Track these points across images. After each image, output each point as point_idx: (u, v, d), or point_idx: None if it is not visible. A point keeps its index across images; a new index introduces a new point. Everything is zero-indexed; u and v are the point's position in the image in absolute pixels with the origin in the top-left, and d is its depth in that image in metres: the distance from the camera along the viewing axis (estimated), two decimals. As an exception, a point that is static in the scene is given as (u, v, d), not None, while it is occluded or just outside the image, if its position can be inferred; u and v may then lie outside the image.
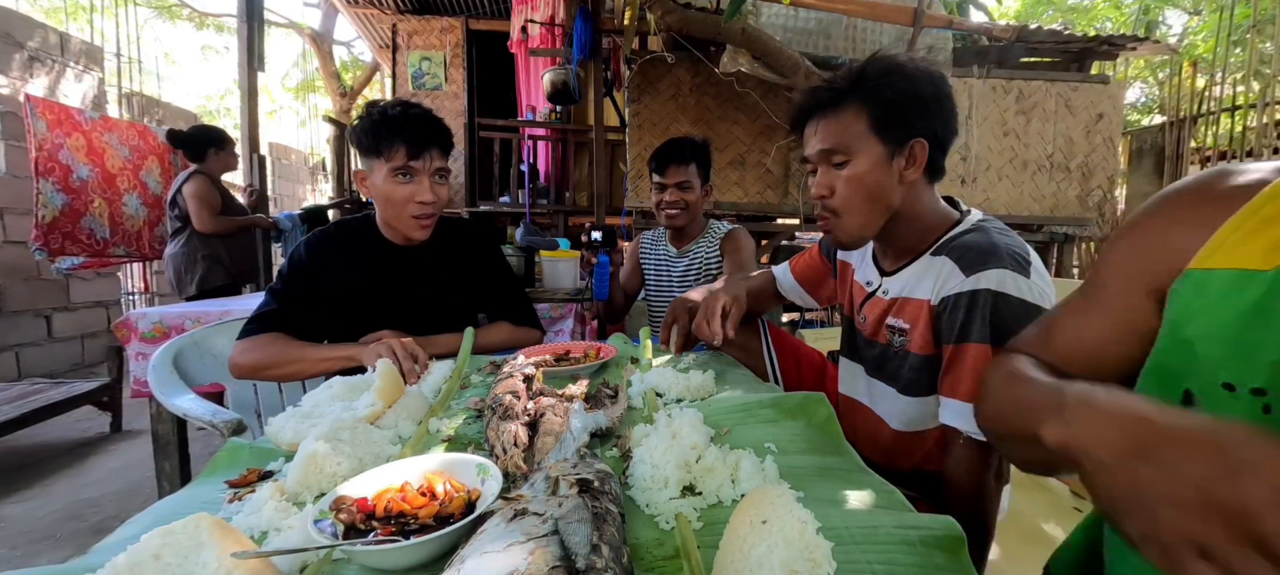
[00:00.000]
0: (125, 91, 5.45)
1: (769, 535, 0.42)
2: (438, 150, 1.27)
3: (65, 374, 4.03)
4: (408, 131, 1.22)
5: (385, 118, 1.22)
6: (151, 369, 1.28)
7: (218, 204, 3.08)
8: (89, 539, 2.07)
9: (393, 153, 1.22)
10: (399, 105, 1.24)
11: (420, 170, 1.24)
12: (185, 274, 3.10)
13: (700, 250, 1.94)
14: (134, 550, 0.44)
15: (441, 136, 1.28)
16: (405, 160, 1.22)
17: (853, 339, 1.14)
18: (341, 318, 1.28)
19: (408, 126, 1.22)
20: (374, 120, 1.23)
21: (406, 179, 1.24)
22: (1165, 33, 9.13)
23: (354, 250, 1.31)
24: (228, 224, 3.11)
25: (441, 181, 1.30)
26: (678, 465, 0.60)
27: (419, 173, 1.25)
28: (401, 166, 1.23)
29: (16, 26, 4.15)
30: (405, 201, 1.25)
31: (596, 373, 1.14)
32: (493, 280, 1.47)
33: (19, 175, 3.91)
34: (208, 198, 3.02)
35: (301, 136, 11.96)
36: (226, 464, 0.76)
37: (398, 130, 1.22)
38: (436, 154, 1.27)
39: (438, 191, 1.28)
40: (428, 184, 1.26)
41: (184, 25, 11.87)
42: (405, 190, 1.24)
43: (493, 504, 0.52)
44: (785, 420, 0.79)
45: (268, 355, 1.19)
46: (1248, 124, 4.68)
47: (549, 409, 0.73)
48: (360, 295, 1.29)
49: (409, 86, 6.17)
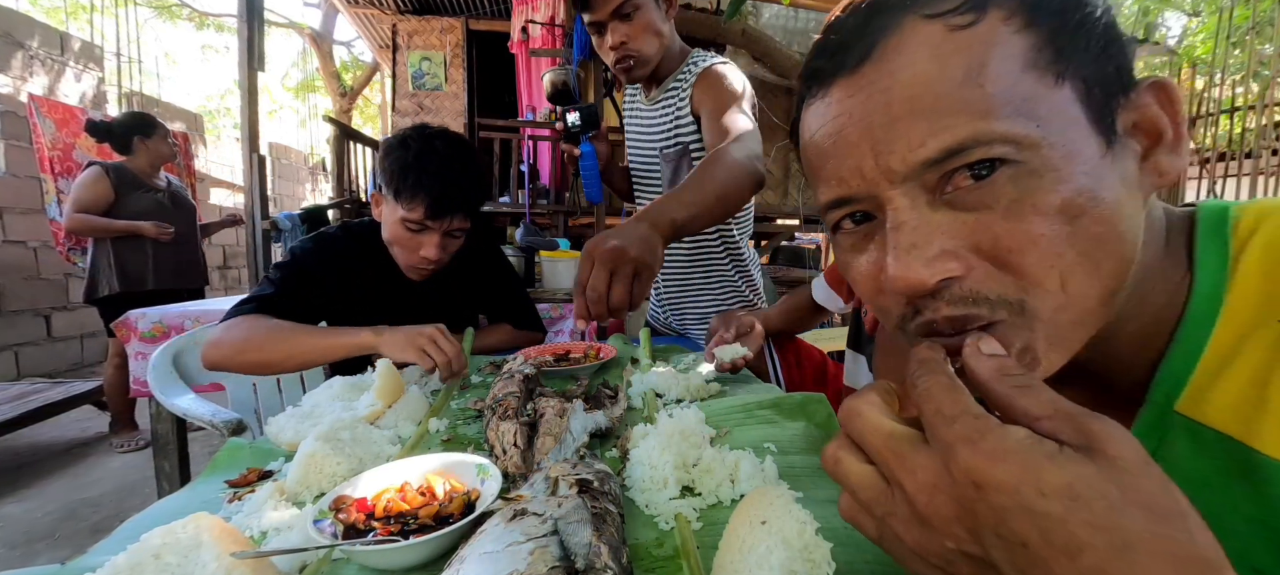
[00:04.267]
0: (125, 91, 5.46)
1: (768, 536, 0.42)
2: (462, 215, 1.15)
3: (65, 374, 4.03)
4: (434, 189, 1.10)
5: (417, 162, 1.09)
6: (151, 369, 1.28)
7: (99, 201, 2.68)
8: (89, 539, 2.07)
9: (412, 205, 1.10)
10: (434, 149, 1.12)
11: (435, 228, 1.14)
12: (89, 280, 2.81)
13: (672, 98, 1.31)
14: (134, 550, 0.44)
15: (469, 198, 1.15)
16: (422, 218, 1.11)
17: (858, 332, 1.15)
18: (341, 318, 1.27)
19: (437, 182, 1.10)
20: (406, 161, 1.10)
21: (417, 232, 1.14)
22: (1164, 34, 9.13)
23: (358, 256, 1.27)
24: (84, 224, 2.67)
25: (455, 238, 1.19)
26: (676, 465, 0.60)
27: (433, 230, 1.14)
28: (416, 222, 1.12)
29: (16, 26, 4.15)
30: (409, 252, 1.17)
31: (596, 373, 1.14)
32: (494, 282, 1.46)
33: (19, 175, 3.92)
34: (84, 192, 2.66)
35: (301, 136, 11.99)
36: (226, 464, 0.76)
37: (423, 183, 1.09)
38: (459, 217, 1.15)
39: (447, 247, 1.18)
40: (437, 241, 1.15)
41: (184, 25, 11.90)
42: (412, 242, 1.15)
43: (492, 504, 0.52)
44: (785, 420, 0.79)
45: (257, 335, 1.06)
46: (1246, 125, 4.68)
47: (549, 409, 0.73)
48: (362, 296, 1.29)
49: (409, 87, 6.17)
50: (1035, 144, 0.31)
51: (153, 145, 2.82)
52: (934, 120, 0.32)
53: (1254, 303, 0.34)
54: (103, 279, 2.76)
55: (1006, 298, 0.33)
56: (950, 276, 0.32)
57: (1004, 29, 0.32)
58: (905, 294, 0.34)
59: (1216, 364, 0.35)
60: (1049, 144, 0.31)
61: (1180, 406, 0.36)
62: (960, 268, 0.32)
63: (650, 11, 1.22)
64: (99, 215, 2.69)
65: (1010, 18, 0.32)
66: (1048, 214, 0.31)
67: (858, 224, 0.38)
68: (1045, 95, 0.31)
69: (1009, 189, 0.31)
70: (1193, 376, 0.36)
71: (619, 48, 1.24)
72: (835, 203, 0.38)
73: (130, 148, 2.80)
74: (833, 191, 0.37)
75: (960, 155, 0.32)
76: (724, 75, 1.21)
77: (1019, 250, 0.32)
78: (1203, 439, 0.35)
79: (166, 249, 2.84)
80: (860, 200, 0.36)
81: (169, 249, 2.85)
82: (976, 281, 0.33)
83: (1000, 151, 0.31)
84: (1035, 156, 0.31)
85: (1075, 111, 0.32)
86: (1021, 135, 0.31)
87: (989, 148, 0.31)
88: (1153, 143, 0.35)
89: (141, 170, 2.83)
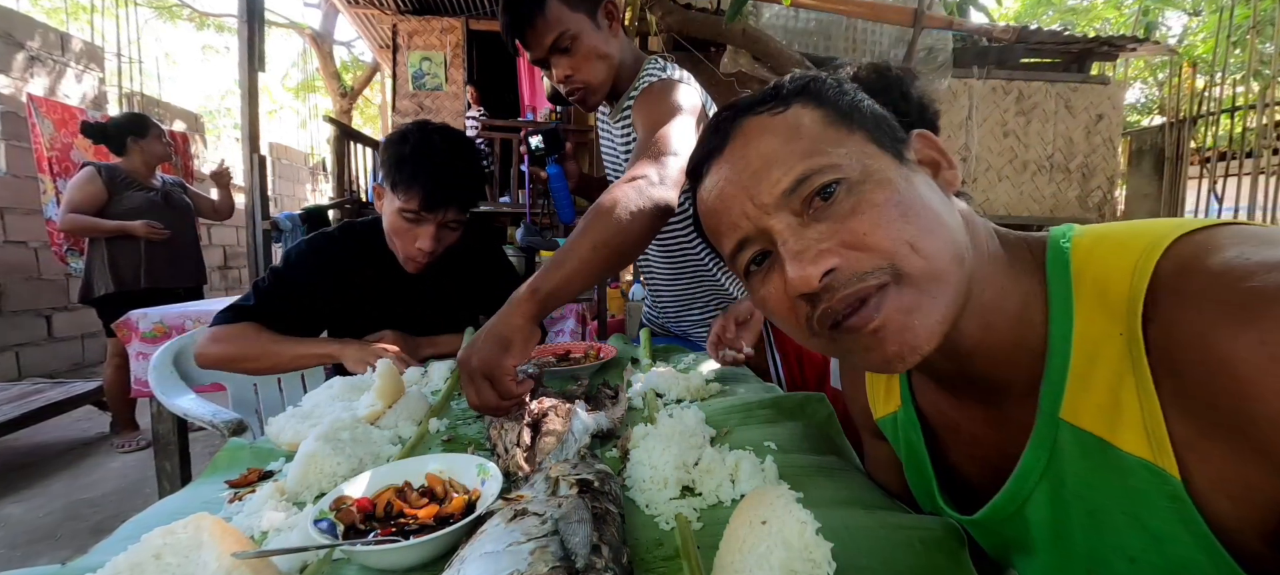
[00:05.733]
0: (126, 91, 5.46)
1: (768, 536, 0.42)
2: (456, 208, 1.17)
3: (65, 374, 4.04)
4: (429, 181, 1.12)
5: (415, 155, 1.12)
6: (152, 369, 1.28)
7: (92, 201, 2.71)
8: (89, 539, 2.07)
9: (408, 195, 1.13)
10: (432, 144, 1.14)
11: (430, 220, 1.16)
12: (84, 281, 2.84)
13: (628, 114, 1.24)
14: (134, 550, 0.44)
15: (465, 192, 1.18)
16: (417, 209, 1.14)
17: None
18: (341, 318, 1.27)
19: (432, 175, 1.12)
20: (404, 154, 1.13)
21: (413, 222, 1.16)
22: (1165, 33, 9.13)
23: (357, 255, 1.28)
24: (76, 224, 2.71)
25: (452, 229, 1.21)
26: (677, 465, 0.60)
27: (428, 222, 1.16)
28: (412, 213, 1.14)
29: (17, 26, 4.15)
30: (406, 242, 1.19)
31: (597, 373, 1.14)
32: (494, 281, 1.46)
33: (19, 175, 3.92)
34: (77, 193, 2.69)
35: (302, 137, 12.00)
36: (226, 464, 0.76)
37: (419, 175, 1.12)
38: (454, 209, 1.17)
39: (443, 238, 1.19)
40: (432, 232, 1.17)
41: (184, 25, 11.91)
42: (409, 232, 1.17)
43: (493, 504, 0.52)
44: (785, 420, 0.79)
45: (239, 348, 1.14)
46: (1247, 125, 4.68)
47: (551, 410, 0.73)
48: (361, 297, 1.29)
49: (409, 87, 6.17)
50: (847, 166, 0.44)
51: (146, 145, 2.84)
52: (779, 165, 0.45)
53: (1096, 317, 0.41)
54: (97, 279, 2.77)
55: (880, 267, 0.42)
56: (831, 267, 0.42)
57: (802, 110, 0.47)
58: (803, 291, 0.43)
59: (1082, 371, 0.42)
60: (856, 165, 0.44)
61: (1063, 414, 0.43)
62: (836, 259, 0.42)
63: (589, 38, 1.16)
64: (92, 215, 2.70)
65: (805, 104, 0.48)
66: (880, 205, 0.43)
67: (759, 265, 0.49)
68: (844, 138, 0.46)
69: (847, 198, 0.44)
70: (1067, 384, 0.43)
71: (566, 81, 1.19)
72: (737, 248, 0.49)
73: (124, 148, 2.83)
74: (732, 238, 0.49)
75: (805, 183, 0.44)
76: (655, 94, 1.13)
77: (871, 233, 0.42)
78: (1084, 443, 0.42)
79: (160, 248, 2.85)
80: (754, 238, 0.48)
81: (162, 248, 2.86)
82: (852, 265, 0.42)
83: (829, 176, 0.44)
84: (852, 174, 0.44)
85: (870, 147, 0.46)
86: (836, 164, 0.44)
87: (821, 174, 0.44)
88: (935, 168, 0.49)
89: (136, 170, 2.84)
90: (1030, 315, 0.45)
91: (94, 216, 2.71)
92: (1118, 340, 0.40)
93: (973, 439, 0.54)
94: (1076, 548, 0.45)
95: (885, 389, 0.62)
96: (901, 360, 0.43)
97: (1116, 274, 0.40)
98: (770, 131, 0.47)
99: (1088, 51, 3.88)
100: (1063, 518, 0.45)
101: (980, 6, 3.97)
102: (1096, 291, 0.41)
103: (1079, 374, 0.42)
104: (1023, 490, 0.47)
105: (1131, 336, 0.39)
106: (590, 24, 1.15)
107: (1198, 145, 4.95)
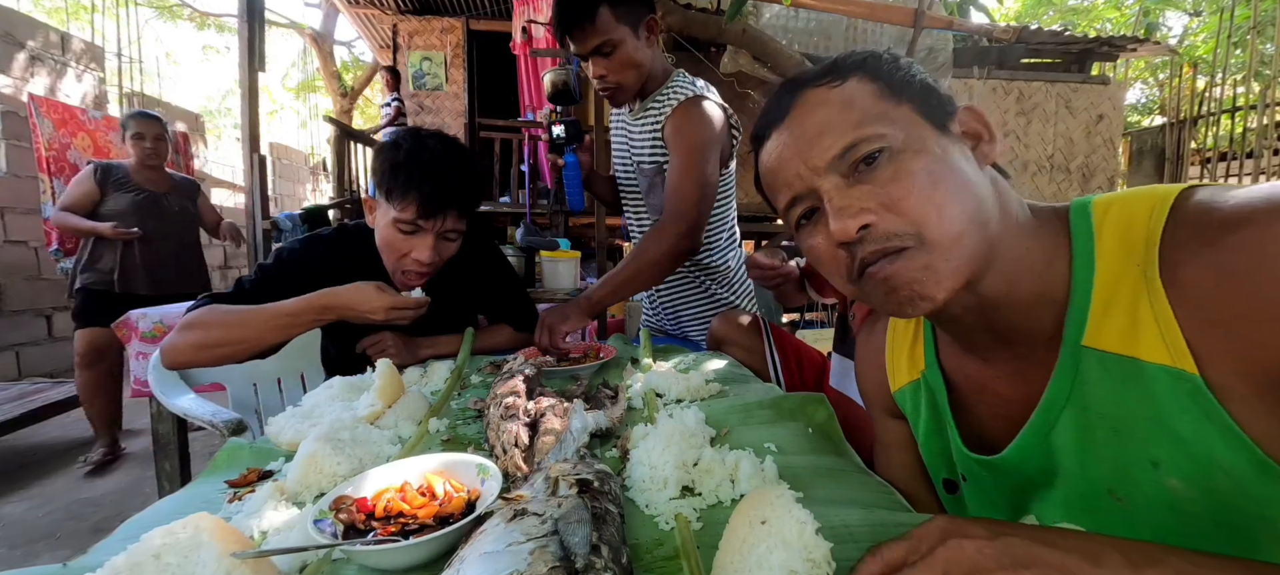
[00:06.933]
0: (126, 91, 5.46)
1: (768, 536, 0.42)
2: (455, 213, 1.11)
3: (65, 374, 4.03)
4: (426, 186, 1.06)
5: (409, 160, 1.06)
6: (152, 369, 1.28)
7: (84, 200, 2.69)
8: (89, 539, 2.07)
9: (403, 204, 1.06)
10: (426, 148, 1.09)
11: (428, 229, 1.09)
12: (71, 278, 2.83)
13: (653, 116, 1.37)
14: (134, 550, 0.44)
15: (464, 196, 1.11)
16: (414, 217, 1.07)
17: (844, 334, 1.15)
18: (336, 321, 1.26)
19: (428, 180, 1.06)
20: (397, 160, 1.07)
21: (409, 232, 1.09)
22: (1165, 34, 9.12)
23: (352, 256, 1.21)
24: (60, 222, 2.73)
25: (450, 240, 1.14)
26: (677, 465, 0.60)
27: (426, 231, 1.10)
28: (408, 222, 1.08)
29: (18, 26, 4.15)
30: (401, 255, 1.11)
31: (596, 373, 1.14)
32: (493, 282, 1.46)
33: (20, 175, 3.92)
34: (71, 191, 2.71)
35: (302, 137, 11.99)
36: (226, 464, 0.76)
37: (414, 180, 1.05)
38: (453, 216, 1.10)
39: (442, 250, 1.13)
40: (430, 243, 1.10)
41: (185, 25, 11.91)
42: (404, 244, 1.10)
43: (492, 504, 0.52)
44: (785, 420, 0.79)
45: (206, 330, 1.02)
46: (1248, 125, 4.68)
47: (549, 409, 0.73)
48: None
49: (410, 87, 6.17)
50: (891, 136, 0.50)
51: (130, 143, 2.81)
52: (831, 133, 0.51)
53: (1117, 256, 0.47)
54: (89, 272, 2.76)
55: (908, 232, 0.48)
56: (867, 222, 0.49)
57: (858, 84, 0.53)
58: (842, 240, 0.50)
59: (1103, 304, 0.47)
60: (900, 135, 0.50)
61: (1086, 341, 0.48)
62: (873, 217, 0.49)
63: (628, 47, 1.28)
64: (83, 214, 2.69)
65: (861, 79, 0.53)
66: (916, 173, 0.49)
67: (808, 220, 0.55)
68: (892, 110, 0.51)
69: (888, 165, 0.49)
70: (1089, 315, 0.48)
71: (600, 79, 1.32)
72: (790, 203, 0.56)
73: None
74: (787, 195, 0.55)
75: (853, 150, 0.50)
76: (694, 117, 1.28)
77: (905, 198, 0.48)
78: (1106, 364, 0.47)
79: (149, 252, 2.78)
80: (805, 195, 0.54)
81: (149, 251, 2.78)
82: (886, 224, 0.49)
83: (875, 144, 0.50)
84: (895, 143, 0.50)
85: (915, 118, 0.51)
86: (881, 132, 0.50)
87: (868, 142, 0.50)
88: (977, 140, 0.54)
89: (133, 169, 2.82)
90: (1055, 267, 0.50)
91: (80, 216, 2.69)
92: (1135, 271, 0.45)
93: (997, 398, 0.57)
94: (1101, 466, 0.49)
95: (908, 357, 0.66)
96: (912, 305, 0.50)
97: (1136, 219, 0.46)
98: (826, 103, 0.52)
99: (1088, 52, 3.87)
100: (1087, 439, 0.50)
101: (980, 6, 3.97)
102: (1117, 235, 0.47)
103: (1100, 305, 0.47)
104: (1049, 419, 0.52)
105: (1148, 263, 0.44)
106: (632, 35, 1.28)
107: (1198, 145, 4.95)
